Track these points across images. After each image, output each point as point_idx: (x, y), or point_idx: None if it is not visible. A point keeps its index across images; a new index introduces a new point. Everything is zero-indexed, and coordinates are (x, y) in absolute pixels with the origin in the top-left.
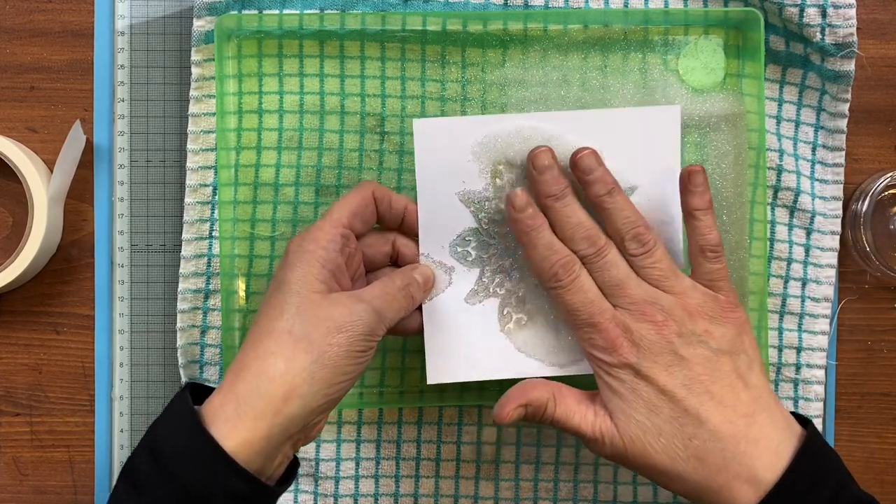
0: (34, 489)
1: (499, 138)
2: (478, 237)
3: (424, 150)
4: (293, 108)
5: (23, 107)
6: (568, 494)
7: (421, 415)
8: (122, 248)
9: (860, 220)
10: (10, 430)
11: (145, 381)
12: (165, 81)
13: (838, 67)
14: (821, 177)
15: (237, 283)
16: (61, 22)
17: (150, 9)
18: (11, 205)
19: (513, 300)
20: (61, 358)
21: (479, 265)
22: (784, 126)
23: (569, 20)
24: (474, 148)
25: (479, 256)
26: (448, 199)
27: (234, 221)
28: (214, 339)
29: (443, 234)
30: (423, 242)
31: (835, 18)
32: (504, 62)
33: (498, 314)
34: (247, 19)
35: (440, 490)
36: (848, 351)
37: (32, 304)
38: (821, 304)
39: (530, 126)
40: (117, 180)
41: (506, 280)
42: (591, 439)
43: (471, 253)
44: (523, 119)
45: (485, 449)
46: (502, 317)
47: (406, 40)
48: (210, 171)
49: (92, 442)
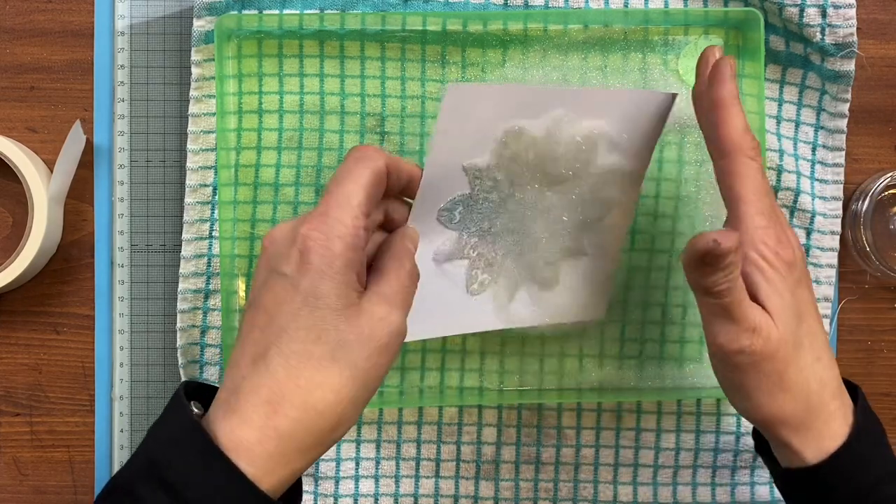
0: (34, 489)
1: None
2: (466, 202)
3: (450, 116)
4: (293, 108)
5: (23, 107)
6: (568, 494)
7: (421, 415)
8: (122, 248)
9: (860, 220)
10: (10, 430)
11: (145, 381)
12: (165, 81)
13: (838, 67)
14: (821, 177)
15: (237, 283)
16: (61, 22)
17: (150, 9)
18: (11, 205)
19: (482, 263)
20: (61, 358)
21: (460, 228)
22: (784, 126)
23: (569, 20)
24: (496, 117)
25: (462, 220)
26: (454, 168)
27: (234, 221)
28: (214, 339)
29: (436, 200)
30: (416, 209)
31: (835, 18)
32: (504, 62)
33: (467, 275)
34: (247, 19)
35: (440, 490)
36: (848, 351)
37: (32, 304)
38: (820, 303)
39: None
40: (117, 180)
41: (479, 244)
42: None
43: (455, 216)
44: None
45: (485, 449)
46: (470, 278)
47: (406, 40)
48: (210, 171)
49: (92, 442)
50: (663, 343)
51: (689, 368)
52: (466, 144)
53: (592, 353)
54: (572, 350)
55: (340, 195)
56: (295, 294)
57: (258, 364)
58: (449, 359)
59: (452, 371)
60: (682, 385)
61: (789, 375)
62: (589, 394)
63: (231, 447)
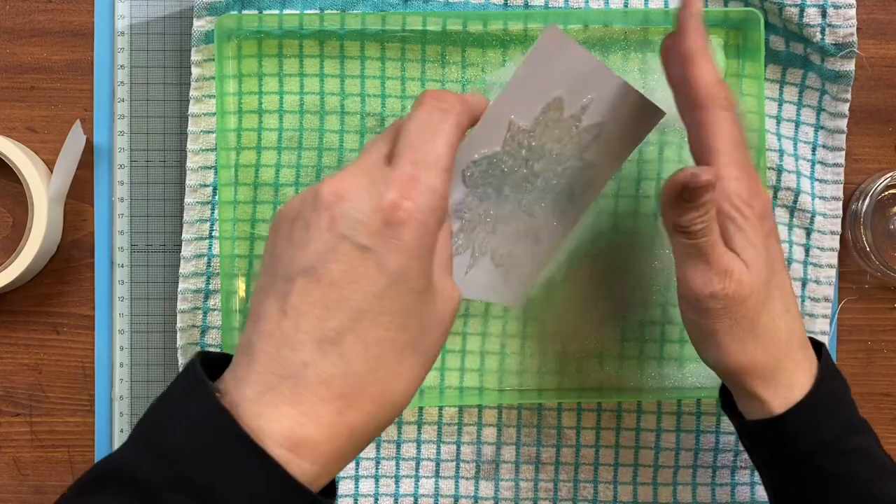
0: (34, 489)
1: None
2: (491, 160)
3: (538, 59)
4: (293, 108)
5: (23, 107)
6: (568, 494)
7: (421, 415)
8: (122, 248)
9: (860, 220)
10: (10, 430)
11: (145, 381)
12: (165, 81)
13: (838, 67)
14: (821, 177)
15: (237, 283)
16: (61, 22)
17: (150, 9)
18: (11, 205)
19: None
20: (61, 358)
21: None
22: (784, 126)
23: (569, 20)
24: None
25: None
26: (502, 120)
27: (234, 221)
28: (214, 339)
29: (469, 150)
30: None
31: (835, 18)
32: (504, 62)
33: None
34: (247, 19)
35: (440, 490)
36: (848, 351)
37: (32, 304)
38: (821, 304)
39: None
40: (117, 180)
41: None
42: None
43: (475, 173)
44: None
45: (485, 449)
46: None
47: (406, 40)
48: (210, 171)
49: (92, 442)
50: (663, 343)
51: (689, 368)
52: (526, 97)
53: (592, 353)
54: (572, 350)
55: (430, 155)
56: (379, 273)
57: (328, 350)
58: (449, 359)
59: (452, 371)
60: (682, 385)
61: (760, 323)
62: (589, 394)
63: (290, 445)
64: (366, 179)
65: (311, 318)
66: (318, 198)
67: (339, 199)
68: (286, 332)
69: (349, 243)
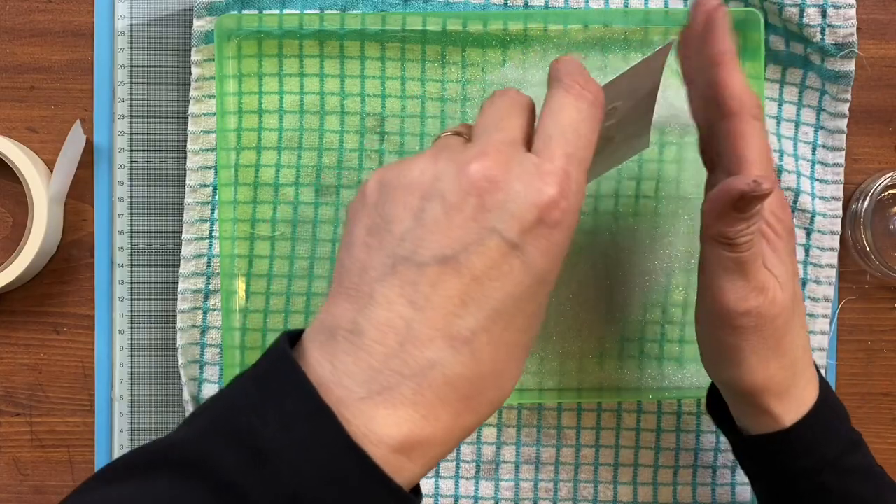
0: (34, 489)
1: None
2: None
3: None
4: (293, 108)
5: (23, 107)
6: (568, 494)
7: None
8: (122, 248)
9: (860, 220)
10: (10, 430)
11: (145, 381)
12: (165, 81)
13: (838, 67)
14: (821, 177)
15: (237, 283)
16: (61, 22)
17: (150, 9)
18: (11, 205)
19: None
20: (61, 358)
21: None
22: (784, 126)
23: (569, 20)
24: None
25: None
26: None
27: (234, 221)
28: (214, 339)
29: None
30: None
31: (835, 18)
32: (504, 62)
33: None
34: (247, 19)
35: (440, 490)
36: (848, 351)
37: (32, 304)
38: (820, 304)
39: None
40: (117, 180)
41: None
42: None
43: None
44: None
45: (485, 449)
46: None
47: (406, 40)
48: (210, 171)
49: (92, 442)
50: (663, 343)
51: (689, 368)
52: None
53: (592, 353)
54: (572, 350)
55: (581, 151)
56: (524, 274)
57: (459, 349)
58: None
59: None
60: (682, 385)
61: (785, 342)
62: (589, 394)
63: (405, 449)
64: (515, 167)
65: (444, 312)
66: (466, 178)
67: (493, 187)
68: (413, 326)
69: (498, 237)
